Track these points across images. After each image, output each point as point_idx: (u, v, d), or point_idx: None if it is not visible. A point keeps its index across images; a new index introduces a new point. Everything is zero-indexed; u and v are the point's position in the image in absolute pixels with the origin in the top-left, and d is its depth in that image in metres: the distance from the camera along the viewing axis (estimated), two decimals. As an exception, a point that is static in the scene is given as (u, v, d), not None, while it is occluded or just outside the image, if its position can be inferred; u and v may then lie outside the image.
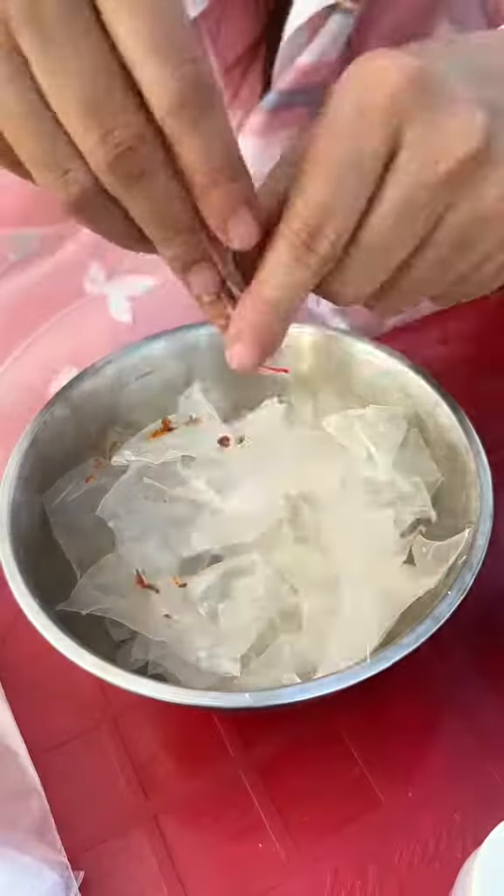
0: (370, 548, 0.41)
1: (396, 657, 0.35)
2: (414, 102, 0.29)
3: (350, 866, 0.37)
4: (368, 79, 0.30)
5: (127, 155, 0.27)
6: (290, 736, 0.41)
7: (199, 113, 0.27)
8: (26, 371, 0.59)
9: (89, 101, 0.27)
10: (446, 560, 0.39)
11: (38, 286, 0.59)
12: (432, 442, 0.45)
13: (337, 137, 0.30)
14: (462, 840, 0.38)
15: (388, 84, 0.29)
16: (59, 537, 0.43)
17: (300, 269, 0.31)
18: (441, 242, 0.32)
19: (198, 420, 0.46)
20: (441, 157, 0.30)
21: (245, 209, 0.29)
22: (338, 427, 0.45)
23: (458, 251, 0.32)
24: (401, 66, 0.29)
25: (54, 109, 0.27)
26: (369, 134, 0.29)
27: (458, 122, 0.30)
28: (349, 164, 0.29)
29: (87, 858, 0.38)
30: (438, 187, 0.30)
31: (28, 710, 0.43)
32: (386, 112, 0.29)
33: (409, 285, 0.33)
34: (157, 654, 0.40)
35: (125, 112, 0.27)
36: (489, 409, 0.45)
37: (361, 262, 0.31)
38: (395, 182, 0.30)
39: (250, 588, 0.40)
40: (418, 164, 0.30)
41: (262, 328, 0.31)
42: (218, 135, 0.28)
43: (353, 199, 0.30)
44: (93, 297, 0.58)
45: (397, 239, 0.31)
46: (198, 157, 0.28)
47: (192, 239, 0.30)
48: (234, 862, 0.38)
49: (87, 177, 0.28)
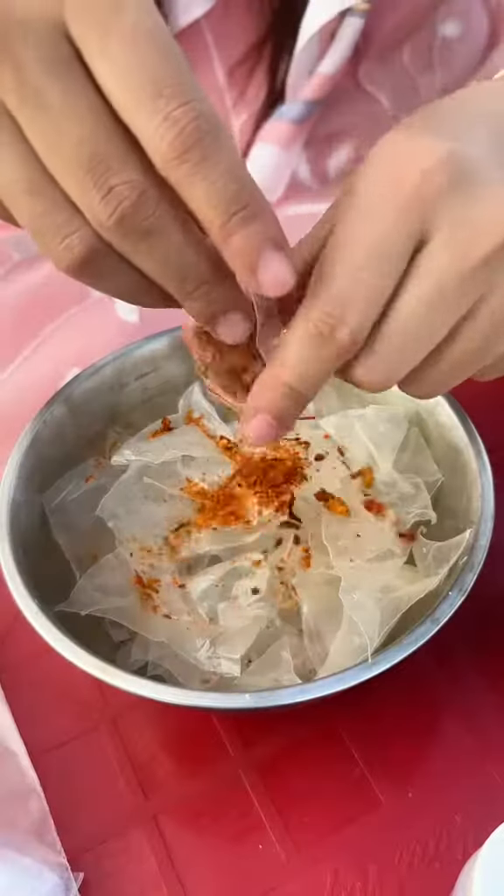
0: (370, 548, 0.41)
1: (397, 658, 0.35)
2: (446, 188, 0.28)
3: (350, 867, 0.37)
4: (397, 163, 0.29)
5: (130, 213, 0.26)
6: (290, 736, 0.41)
7: (201, 157, 0.25)
8: (34, 372, 0.59)
9: (84, 161, 0.25)
10: (447, 561, 0.39)
11: (44, 286, 0.59)
12: (433, 442, 0.45)
13: (362, 223, 0.28)
14: (462, 841, 0.38)
15: (417, 172, 0.28)
16: (58, 537, 0.43)
17: (320, 357, 0.29)
18: (478, 328, 0.30)
19: (198, 420, 0.45)
20: (476, 243, 0.28)
21: (272, 249, 0.26)
22: (338, 427, 0.45)
23: (496, 335, 0.31)
24: (430, 150, 0.28)
25: (51, 172, 0.26)
26: (397, 221, 0.28)
27: (493, 205, 0.28)
28: (374, 252, 0.28)
29: (86, 859, 0.38)
30: (473, 274, 0.29)
31: (27, 711, 0.43)
32: (416, 199, 0.28)
33: (443, 369, 0.31)
34: (156, 655, 0.40)
35: (124, 167, 0.25)
36: (490, 409, 0.45)
37: (389, 350, 0.30)
38: (424, 271, 0.29)
39: (250, 588, 0.40)
40: (451, 252, 0.28)
41: (280, 410, 0.30)
42: (227, 176, 0.26)
43: (377, 289, 0.28)
44: (99, 298, 0.58)
45: (428, 327, 0.29)
46: (208, 205, 0.26)
47: (214, 289, 0.28)
48: (233, 862, 0.38)
49: (88, 238, 0.27)
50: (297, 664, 0.39)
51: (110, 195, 0.25)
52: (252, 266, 0.27)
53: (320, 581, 0.41)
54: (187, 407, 0.46)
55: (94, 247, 0.27)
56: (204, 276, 0.28)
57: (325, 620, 0.40)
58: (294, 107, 0.55)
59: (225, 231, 0.26)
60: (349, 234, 0.28)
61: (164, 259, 0.27)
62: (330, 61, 0.53)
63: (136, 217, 0.26)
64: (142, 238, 0.26)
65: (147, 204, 0.26)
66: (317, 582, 0.41)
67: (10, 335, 0.60)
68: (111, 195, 0.25)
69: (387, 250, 0.28)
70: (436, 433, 0.44)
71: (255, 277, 0.27)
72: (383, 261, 0.28)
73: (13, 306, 0.59)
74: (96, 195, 0.25)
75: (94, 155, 0.25)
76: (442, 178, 0.28)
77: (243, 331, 0.30)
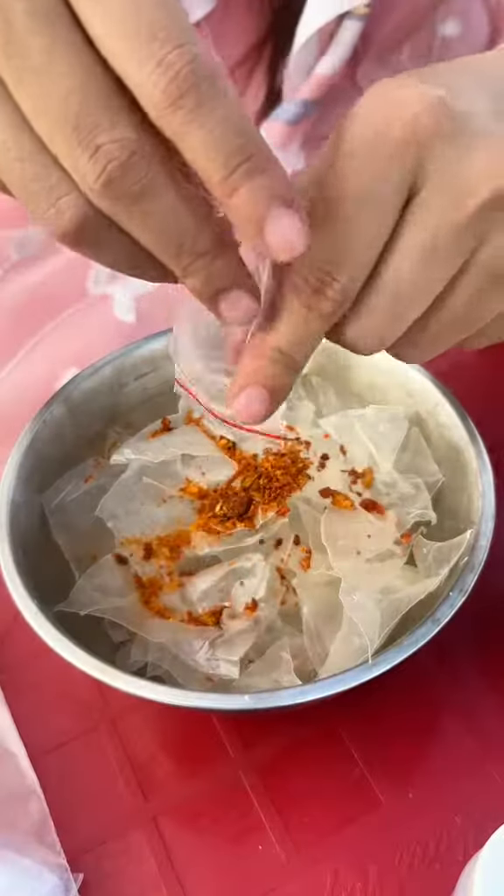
0: (371, 549, 0.41)
1: (398, 659, 0.35)
2: (436, 134, 0.27)
3: (350, 868, 0.37)
4: (386, 110, 0.27)
5: (119, 175, 0.23)
6: (291, 737, 0.41)
7: (196, 103, 0.23)
8: (31, 372, 0.59)
9: (72, 117, 0.23)
10: (448, 561, 0.39)
11: (42, 286, 0.59)
12: (433, 441, 0.45)
13: (350, 173, 0.27)
14: (463, 842, 0.38)
15: (407, 115, 0.27)
16: (58, 537, 0.43)
17: (310, 317, 0.27)
18: (472, 283, 0.29)
19: (198, 420, 0.45)
20: (469, 191, 0.27)
21: (281, 206, 0.24)
22: (338, 427, 0.45)
23: (491, 289, 0.29)
24: (421, 95, 0.27)
25: (39, 133, 0.24)
26: (388, 166, 0.27)
27: (487, 153, 0.27)
28: (364, 201, 0.26)
29: (86, 860, 0.38)
30: (467, 225, 0.27)
31: (27, 712, 0.43)
32: (407, 143, 0.26)
33: (437, 329, 0.30)
34: (156, 656, 0.40)
35: (114, 124, 0.23)
36: (491, 409, 0.45)
37: (381, 307, 0.28)
38: (417, 221, 0.27)
39: (250, 589, 0.40)
40: (444, 202, 0.27)
41: (271, 378, 0.28)
42: (226, 124, 0.23)
43: (367, 241, 0.27)
44: (96, 298, 0.58)
45: (422, 282, 0.28)
46: (207, 157, 0.23)
47: (215, 262, 0.26)
48: (233, 863, 0.38)
49: (80, 202, 0.25)
50: (298, 665, 0.39)
51: (98, 154, 0.23)
52: (259, 225, 0.24)
53: (320, 582, 0.41)
54: (187, 407, 0.46)
55: (87, 212, 0.25)
56: (204, 246, 0.25)
57: (325, 621, 0.40)
58: (289, 108, 0.55)
59: (227, 185, 0.23)
60: (338, 182, 0.27)
61: (159, 226, 0.25)
62: (328, 63, 0.52)
63: (126, 179, 0.23)
64: (133, 202, 0.24)
65: (138, 164, 0.23)
66: (317, 583, 0.41)
67: (8, 335, 0.60)
68: (98, 154, 0.23)
69: (377, 198, 0.27)
70: (436, 433, 0.44)
71: (263, 238, 0.24)
72: (374, 209, 0.27)
73: (11, 306, 0.59)
74: (83, 155, 0.23)
75: (81, 110, 0.23)
76: (434, 122, 0.27)
77: (247, 310, 0.27)
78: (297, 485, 0.41)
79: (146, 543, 0.42)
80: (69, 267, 0.59)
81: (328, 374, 0.48)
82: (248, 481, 0.41)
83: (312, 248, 0.25)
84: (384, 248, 0.28)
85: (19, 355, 0.60)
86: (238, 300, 0.27)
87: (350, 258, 0.27)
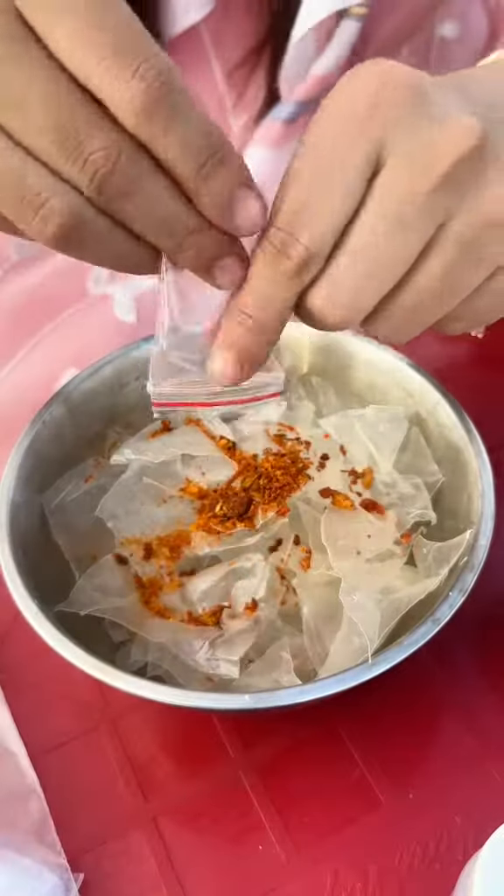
0: (371, 549, 0.41)
1: (397, 659, 0.35)
2: (401, 106, 0.28)
3: (350, 868, 0.37)
4: (355, 84, 0.29)
5: (109, 178, 0.26)
6: (290, 737, 0.41)
7: (171, 112, 0.25)
8: (31, 372, 0.59)
9: (54, 130, 0.25)
10: (447, 561, 0.39)
11: (42, 287, 0.59)
12: (433, 441, 0.45)
13: (319, 143, 0.28)
14: (463, 841, 0.38)
15: (372, 88, 0.28)
16: (58, 537, 0.43)
17: (276, 278, 0.29)
18: (443, 254, 0.30)
19: (198, 420, 0.45)
20: (434, 160, 0.28)
21: (244, 190, 0.27)
22: (338, 427, 0.45)
23: (464, 261, 0.30)
24: (388, 71, 0.28)
25: (25, 146, 0.26)
26: (353, 134, 0.28)
27: (451, 122, 0.28)
28: (329, 169, 0.28)
29: (86, 860, 0.38)
30: (433, 193, 0.28)
31: (27, 712, 0.43)
32: (372, 111, 0.28)
33: (411, 303, 0.31)
34: (156, 656, 0.40)
35: (95, 133, 0.26)
36: (490, 409, 0.45)
37: (348, 276, 0.29)
38: (383, 190, 0.28)
39: (250, 589, 0.40)
40: (409, 171, 0.28)
41: (241, 342, 0.30)
42: (197, 125, 0.26)
43: (332, 204, 0.28)
44: (96, 298, 0.58)
45: (389, 251, 0.29)
46: (183, 158, 0.26)
47: (204, 236, 0.28)
48: (233, 863, 0.38)
49: (65, 204, 0.27)
50: (298, 665, 0.39)
51: (87, 165, 0.26)
52: (227, 208, 0.27)
53: (320, 582, 0.41)
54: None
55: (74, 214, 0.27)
56: (193, 223, 0.28)
57: (325, 621, 0.40)
58: (284, 108, 0.55)
59: (200, 176, 0.27)
60: (307, 149, 0.29)
61: (152, 212, 0.27)
62: (325, 63, 0.53)
63: (116, 180, 0.26)
64: (126, 197, 0.27)
65: (126, 164, 0.26)
66: (317, 583, 0.41)
67: (7, 335, 0.60)
68: (87, 165, 0.26)
69: (341, 163, 0.28)
70: (436, 433, 0.44)
71: (232, 220, 0.28)
72: (338, 174, 0.28)
73: (11, 307, 0.59)
74: (73, 167, 0.26)
75: (61, 127, 0.25)
76: (400, 93, 0.28)
77: (240, 274, 0.30)
78: (297, 485, 0.41)
79: (146, 543, 0.42)
80: (69, 267, 0.59)
81: (328, 374, 0.48)
82: (248, 481, 0.41)
83: (280, 210, 0.28)
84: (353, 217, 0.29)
85: (19, 356, 0.59)
86: (229, 267, 0.29)
87: (314, 218, 0.28)
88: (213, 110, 0.59)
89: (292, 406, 0.48)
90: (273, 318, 0.30)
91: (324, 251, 0.29)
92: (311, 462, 0.43)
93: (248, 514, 0.41)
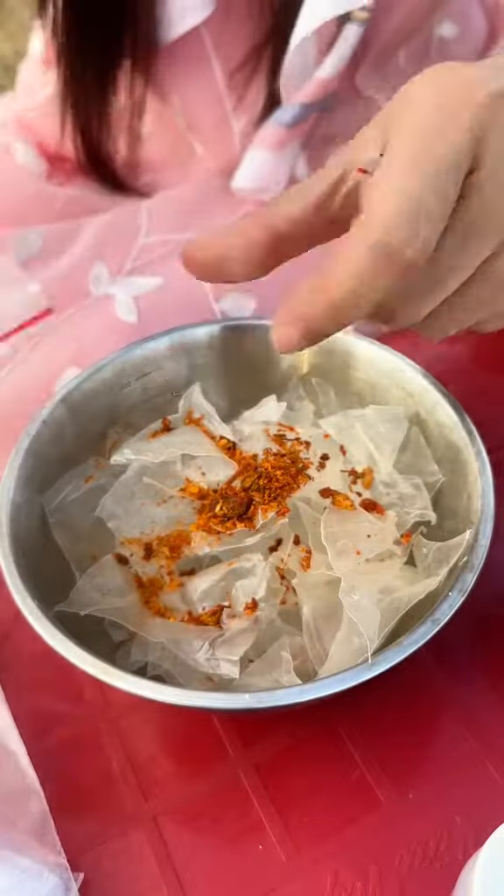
0: (371, 549, 0.41)
1: (397, 659, 0.35)
2: (496, 119, 0.28)
3: (350, 868, 0.37)
4: (459, 81, 0.29)
5: None
6: (290, 737, 0.41)
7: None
8: (31, 372, 0.59)
9: None
10: (447, 561, 0.39)
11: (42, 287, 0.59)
12: (433, 441, 0.45)
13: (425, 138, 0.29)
14: (463, 841, 0.38)
15: (472, 100, 0.29)
16: (58, 538, 0.43)
17: (378, 278, 0.29)
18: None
19: (198, 420, 0.45)
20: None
21: None
22: (338, 427, 0.45)
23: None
24: (485, 80, 0.29)
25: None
26: (463, 140, 0.28)
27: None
28: (440, 169, 0.28)
29: (86, 860, 0.38)
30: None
31: (27, 712, 0.43)
32: (482, 118, 0.28)
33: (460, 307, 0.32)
34: (156, 656, 0.40)
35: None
36: (490, 409, 0.45)
37: (426, 281, 0.30)
38: (473, 200, 0.29)
39: (250, 589, 0.40)
40: (495, 183, 0.29)
41: (316, 323, 0.30)
42: None
43: (441, 207, 0.29)
44: (98, 298, 0.58)
45: (467, 258, 0.30)
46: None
47: None
48: (233, 863, 0.38)
49: None
50: (298, 665, 0.39)
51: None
52: None
53: (320, 582, 0.41)
54: (187, 407, 0.46)
55: None
56: None
57: (325, 621, 0.40)
58: (286, 111, 0.55)
59: None
60: (413, 147, 0.29)
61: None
62: (327, 67, 0.53)
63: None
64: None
65: None
66: (317, 582, 0.41)
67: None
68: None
69: (450, 168, 0.28)
70: (436, 433, 0.44)
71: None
72: (447, 179, 0.28)
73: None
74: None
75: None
76: (493, 109, 0.28)
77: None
78: (297, 485, 0.41)
79: (146, 543, 0.42)
80: (70, 267, 0.59)
81: (328, 375, 0.48)
82: (248, 481, 0.41)
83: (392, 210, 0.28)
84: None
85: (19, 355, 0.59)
86: None
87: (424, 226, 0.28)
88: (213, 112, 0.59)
89: (292, 406, 0.48)
90: (355, 314, 0.30)
91: (427, 255, 0.29)
92: (311, 462, 0.43)
93: (248, 514, 0.41)
